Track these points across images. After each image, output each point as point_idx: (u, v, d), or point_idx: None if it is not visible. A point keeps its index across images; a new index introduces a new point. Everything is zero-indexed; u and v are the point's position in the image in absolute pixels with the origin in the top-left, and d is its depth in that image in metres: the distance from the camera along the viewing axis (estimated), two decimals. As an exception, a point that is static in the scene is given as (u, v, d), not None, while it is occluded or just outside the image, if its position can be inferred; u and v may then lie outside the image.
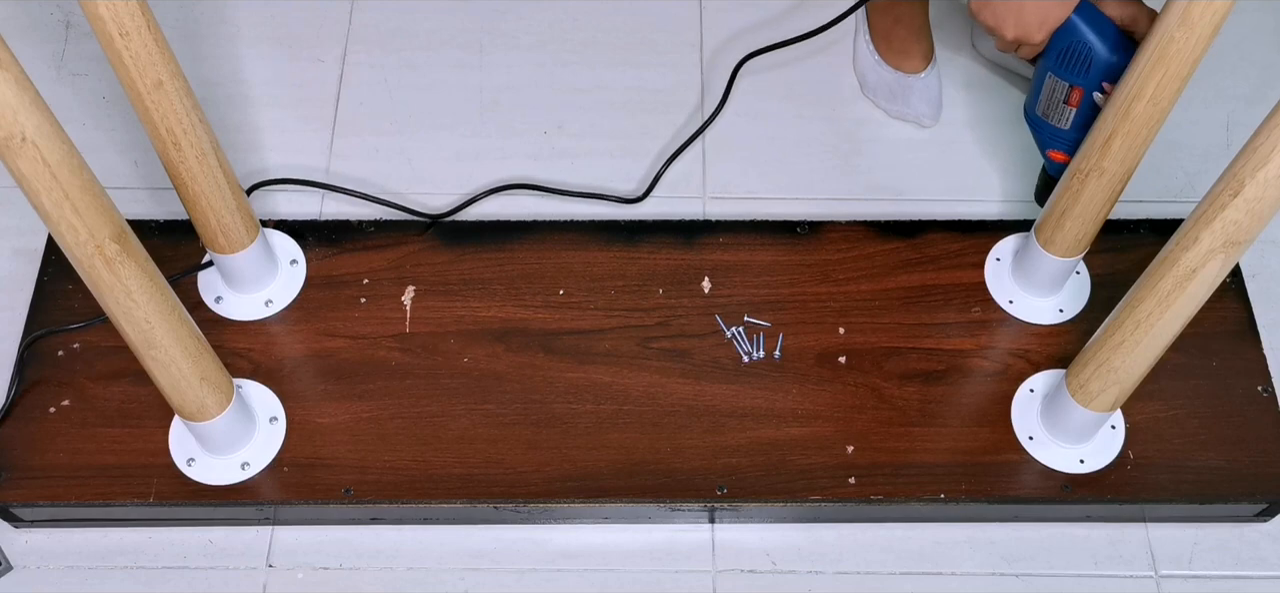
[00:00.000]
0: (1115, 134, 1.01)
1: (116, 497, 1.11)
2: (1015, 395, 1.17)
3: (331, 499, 1.11)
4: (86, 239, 0.84)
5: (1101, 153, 1.03)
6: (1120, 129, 1.00)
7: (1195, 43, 0.92)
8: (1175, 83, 0.95)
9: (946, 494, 1.12)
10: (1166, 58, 0.94)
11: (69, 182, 0.79)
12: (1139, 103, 0.98)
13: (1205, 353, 1.19)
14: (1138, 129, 1.00)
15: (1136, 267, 1.01)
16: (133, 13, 0.90)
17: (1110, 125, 1.01)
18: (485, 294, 1.22)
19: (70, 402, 1.15)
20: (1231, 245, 0.88)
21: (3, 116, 0.73)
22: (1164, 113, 0.99)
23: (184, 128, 1.00)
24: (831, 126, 1.40)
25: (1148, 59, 0.95)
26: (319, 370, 1.18)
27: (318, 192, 1.33)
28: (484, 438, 1.14)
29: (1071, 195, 1.09)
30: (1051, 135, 1.15)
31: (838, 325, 1.21)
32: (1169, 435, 1.15)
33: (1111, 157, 1.03)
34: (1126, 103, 0.99)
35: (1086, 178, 1.06)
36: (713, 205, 1.34)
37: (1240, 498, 1.13)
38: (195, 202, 1.08)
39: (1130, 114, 0.99)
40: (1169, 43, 0.93)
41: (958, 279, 1.23)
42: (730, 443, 1.14)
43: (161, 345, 0.95)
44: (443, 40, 1.47)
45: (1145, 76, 0.96)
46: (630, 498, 1.12)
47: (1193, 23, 0.91)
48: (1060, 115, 1.12)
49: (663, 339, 1.20)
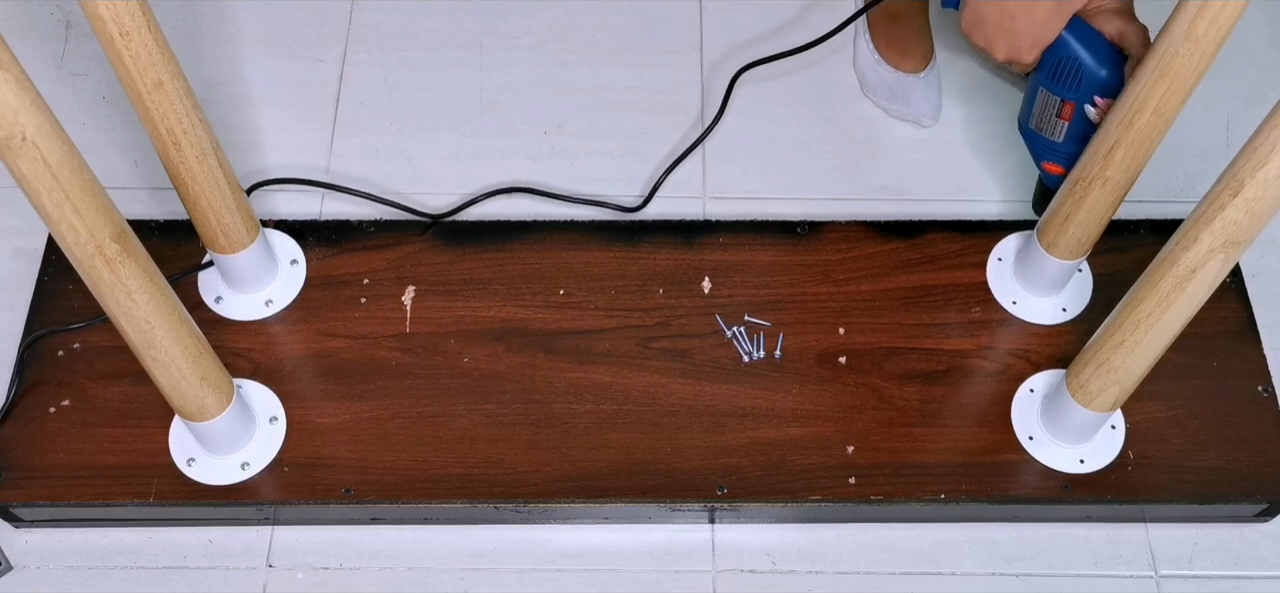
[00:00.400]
0: (1119, 144, 1.01)
1: (117, 497, 1.11)
2: (1015, 396, 1.17)
3: (331, 499, 1.11)
4: (87, 239, 0.84)
5: (1104, 163, 1.03)
6: (1124, 140, 1.00)
7: (1199, 58, 0.92)
8: (1179, 96, 0.95)
9: (947, 494, 1.12)
10: (1170, 72, 0.94)
11: (69, 182, 0.79)
12: (1142, 115, 0.98)
13: (1205, 353, 1.19)
14: (1141, 140, 1.00)
15: (1138, 267, 1.01)
16: (133, 13, 0.90)
17: (1114, 136, 1.01)
18: (485, 294, 1.22)
19: (70, 402, 1.15)
20: (1231, 245, 0.88)
21: (3, 117, 0.73)
22: (1167, 124, 0.99)
23: (184, 128, 1.00)
24: (832, 127, 1.40)
25: (1151, 73, 0.95)
26: (319, 370, 1.18)
27: (317, 192, 1.33)
28: (484, 438, 1.14)
29: (1074, 202, 1.09)
30: (1046, 148, 1.16)
31: (838, 326, 1.21)
32: (1169, 435, 1.15)
33: (1115, 166, 1.03)
34: (1130, 115, 0.99)
35: (1089, 186, 1.06)
36: (713, 206, 1.34)
37: (1240, 498, 1.13)
38: (195, 202, 1.08)
39: (1134, 126, 0.99)
40: (1173, 57, 0.93)
41: (958, 279, 1.23)
42: (730, 443, 1.14)
43: (162, 345, 0.95)
44: (443, 40, 1.47)
45: (1149, 90, 0.96)
46: (630, 498, 1.12)
47: (1197, 38, 0.91)
48: (1053, 129, 1.13)
49: (663, 339, 1.20)
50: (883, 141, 1.39)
